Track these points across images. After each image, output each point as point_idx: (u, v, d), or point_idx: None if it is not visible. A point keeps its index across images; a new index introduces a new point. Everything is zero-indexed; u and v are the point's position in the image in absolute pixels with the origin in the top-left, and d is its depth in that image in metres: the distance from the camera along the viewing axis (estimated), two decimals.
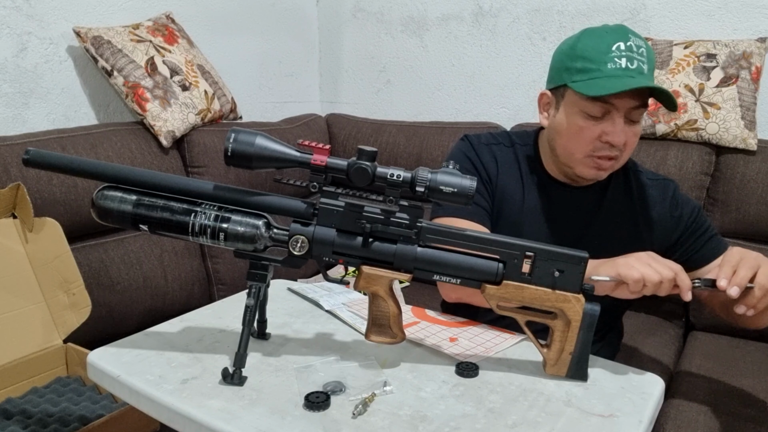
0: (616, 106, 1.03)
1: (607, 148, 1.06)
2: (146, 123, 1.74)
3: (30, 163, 0.83)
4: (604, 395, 0.84)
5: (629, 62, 1.02)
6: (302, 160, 0.81)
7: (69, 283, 1.38)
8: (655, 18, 1.94)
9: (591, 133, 1.06)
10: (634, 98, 1.03)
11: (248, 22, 2.29)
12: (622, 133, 1.05)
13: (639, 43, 1.05)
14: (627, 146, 1.08)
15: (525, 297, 0.86)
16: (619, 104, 1.03)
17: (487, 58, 2.26)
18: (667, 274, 0.89)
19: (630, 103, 1.03)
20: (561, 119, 1.10)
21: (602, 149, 1.07)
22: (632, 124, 1.06)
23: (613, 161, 1.08)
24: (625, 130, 1.05)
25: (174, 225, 0.83)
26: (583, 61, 1.05)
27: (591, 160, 1.08)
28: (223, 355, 0.91)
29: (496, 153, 1.21)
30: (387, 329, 0.88)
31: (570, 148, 1.10)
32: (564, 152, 1.12)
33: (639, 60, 1.03)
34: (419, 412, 0.79)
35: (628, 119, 1.05)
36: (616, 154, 1.07)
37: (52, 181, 1.49)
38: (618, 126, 1.04)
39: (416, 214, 0.84)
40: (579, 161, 1.10)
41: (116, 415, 1.19)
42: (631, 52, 1.03)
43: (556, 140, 1.13)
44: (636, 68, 1.02)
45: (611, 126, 1.05)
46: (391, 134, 2.22)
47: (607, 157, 1.07)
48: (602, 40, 1.04)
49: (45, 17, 1.68)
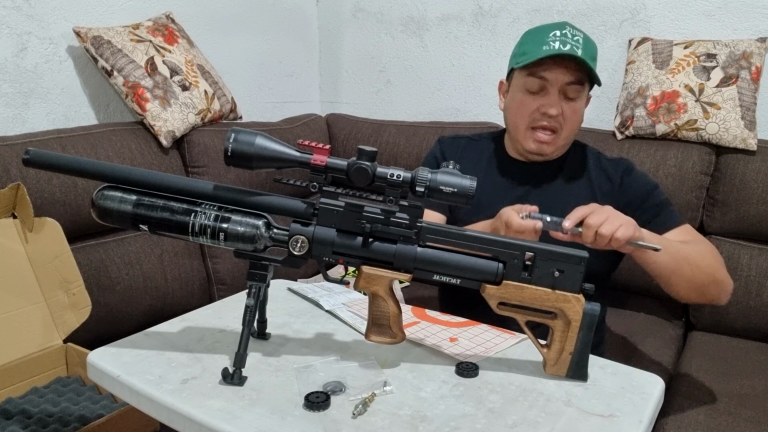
0: (550, 81, 1.20)
1: (545, 119, 1.22)
2: (146, 123, 1.74)
3: (30, 163, 0.83)
4: (604, 395, 0.84)
5: (562, 45, 1.17)
6: (302, 160, 0.81)
7: (69, 283, 1.38)
8: (655, 18, 1.94)
9: (530, 105, 1.23)
10: (567, 74, 1.19)
11: (248, 22, 2.29)
12: (556, 105, 1.20)
13: (576, 33, 1.20)
14: (566, 120, 1.22)
15: (525, 297, 0.86)
16: (551, 79, 1.20)
17: (487, 58, 2.26)
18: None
19: (563, 78, 1.19)
20: (509, 98, 1.29)
21: (540, 120, 1.23)
22: (570, 100, 1.22)
23: (554, 135, 1.24)
24: (561, 105, 1.21)
25: (174, 225, 0.83)
26: (523, 48, 1.24)
27: (532, 133, 1.25)
28: (223, 355, 0.91)
29: (461, 146, 1.39)
30: (387, 329, 0.88)
31: (515, 122, 1.27)
32: (512, 127, 1.29)
33: (572, 44, 1.17)
34: (419, 412, 0.79)
35: (564, 95, 1.21)
36: (553, 126, 1.23)
37: (52, 181, 1.49)
38: (552, 98, 1.21)
39: (416, 214, 0.84)
40: (523, 134, 1.26)
41: (116, 415, 1.19)
42: (566, 37, 1.18)
43: (508, 118, 1.30)
44: (568, 49, 1.16)
45: (546, 100, 1.21)
46: (391, 134, 2.22)
47: (546, 127, 1.23)
48: (541, 31, 1.23)
49: (45, 17, 1.68)
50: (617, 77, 2.00)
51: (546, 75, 1.20)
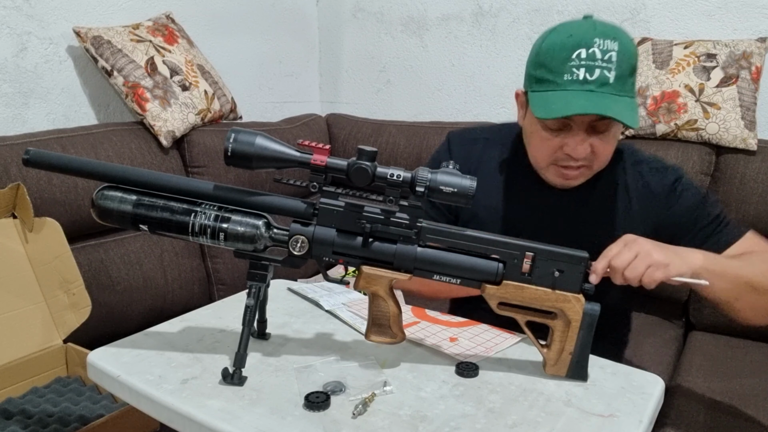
0: (573, 120, 0.99)
1: (570, 160, 1.02)
2: (146, 123, 1.74)
3: (30, 163, 0.83)
4: (604, 395, 0.84)
5: (588, 72, 0.95)
6: (302, 160, 0.81)
7: (69, 283, 1.38)
8: (655, 18, 1.94)
9: (551, 144, 1.02)
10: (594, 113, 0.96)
11: (248, 22, 2.29)
12: (581, 147, 0.99)
13: (607, 46, 0.96)
14: (597, 155, 1.02)
15: (525, 297, 0.86)
16: (575, 119, 0.98)
17: (487, 58, 2.26)
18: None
19: (587, 117, 0.97)
20: (527, 125, 1.07)
21: (565, 160, 1.03)
22: (599, 134, 1.00)
23: (583, 169, 1.04)
24: (590, 141, 1.00)
25: (174, 225, 0.83)
26: (543, 71, 0.99)
27: (556, 169, 1.05)
28: (223, 355, 0.91)
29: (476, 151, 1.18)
30: (387, 329, 0.88)
31: (535, 156, 1.08)
32: (532, 159, 1.09)
33: (603, 68, 0.95)
34: (419, 412, 0.79)
35: (593, 130, 1.00)
36: (582, 164, 1.03)
37: (52, 181, 1.49)
38: (577, 139, 0.99)
39: (416, 214, 0.84)
40: (545, 169, 1.07)
41: (116, 415, 1.19)
42: (593, 60, 0.95)
43: (527, 145, 1.10)
44: (597, 78, 0.95)
45: (571, 139, 1.00)
46: (391, 134, 2.21)
47: (572, 167, 1.03)
48: (564, 45, 0.97)
49: (45, 17, 1.68)
50: None
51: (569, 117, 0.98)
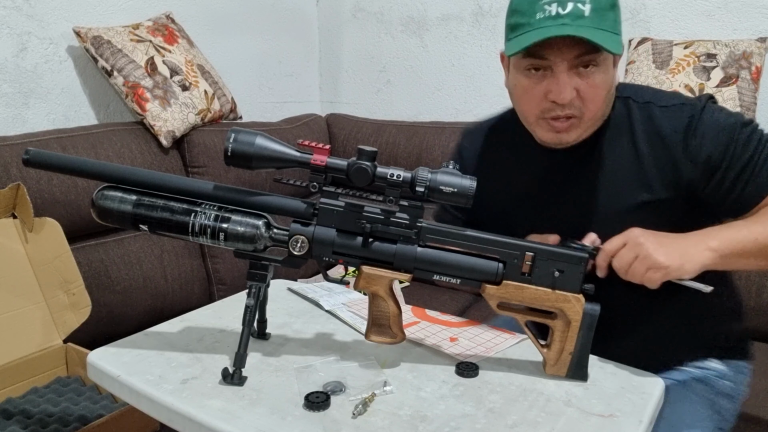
0: (552, 60, 0.90)
1: (558, 108, 0.93)
2: (146, 123, 1.74)
3: (30, 163, 0.83)
4: (604, 395, 0.84)
5: (560, 6, 0.87)
6: (302, 160, 0.81)
7: (69, 283, 1.38)
8: (655, 18, 1.94)
9: (534, 93, 0.94)
10: (572, 47, 0.88)
11: (248, 22, 2.29)
12: (566, 88, 0.90)
13: None
14: (586, 100, 0.92)
15: (525, 297, 0.86)
16: (553, 57, 0.90)
17: (487, 58, 2.26)
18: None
19: (568, 53, 0.89)
20: (511, 81, 1.00)
21: (552, 110, 0.93)
22: (583, 73, 0.91)
23: (573, 120, 0.94)
24: (574, 84, 0.91)
25: (174, 225, 0.83)
26: (515, 16, 0.93)
27: (545, 123, 0.96)
28: (223, 355, 0.91)
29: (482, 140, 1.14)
30: (387, 329, 0.88)
31: (523, 112, 0.99)
32: (521, 116, 1.01)
33: (575, 2, 0.87)
34: (419, 412, 0.79)
35: (577, 70, 0.91)
36: (570, 113, 0.93)
37: (52, 181, 1.49)
38: (560, 81, 0.90)
39: (416, 214, 0.84)
40: (535, 124, 0.98)
41: (116, 415, 1.19)
42: None
43: (514, 103, 1.02)
44: (570, 12, 0.87)
45: (553, 83, 0.91)
46: (391, 134, 2.21)
47: (561, 117, 0.93)
48: None
49: (45, 17, 1.68)
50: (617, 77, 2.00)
51: (545, 54, 0.90)
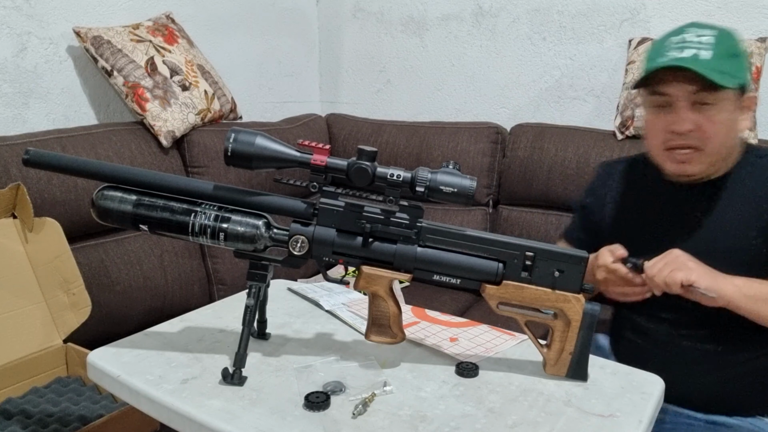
0: (672, 95, 1.05)
1: (677, 138, 1.06)
2: (146, 123, 1.74)
3: (30, 163, 0.83)
4: (604, 395, 0.84)
5: (678, 51, 1.03)
6: (302, 160, 0.81)
7: (69, 283, 1.38)
8: (655, 18, 1.94)
9: (658, 125, 1.08)
10: (689, 83, 1.02)
11: (248, 22, 2.29)
12: (683, 120, 1.04)
13: (702, 33, 1.04)
14: (706, 134, 1.04)
15: (525, 297, 0.86)
16: (672, 92, 1.04)
17: (487, 58, 2.26)
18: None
19: (685, 88, 1.03)
20: (643, 116, 1.15)
21: (672, 140, 1.07)
22: (702, 110, 1.03)
23: (692, 152, 1.06)
24: (693, 118, 1.04)
25: (174, 225, 0.83)
26: (645, 64, 1.09)
27: (668, 154, 1.09)
28: (223, 355, 0.91)
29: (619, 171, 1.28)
30: (387, 329, 0.88)
31: (650, 145, 1.14)
32: (649, 150, 1.15)
33: (696, 47, 1.02)
34: (419, 412, 0.79)
35: (697, 105, 1.04)
36: (688, 143, 1.06)
37: (52, 181, 1.49)
38: (679, 113, 1.04)
39: (416, 214, 0.84)
40: (660, 157, 1.12)
41: (116, 415, 1.19)
42: (684, 42, 1.03)
43: (645, 139, 1.16)
44: (686, 56, 1.02)
45: (674, 115, 1.05)
46: (391, 134, 2.21)
47: (680, 146, 1.06)
48: (663, 38, 1.08)
49: (45, 17, 1.68)
50: (617, 77, 2.00)
51: (664, 89, 1.05)
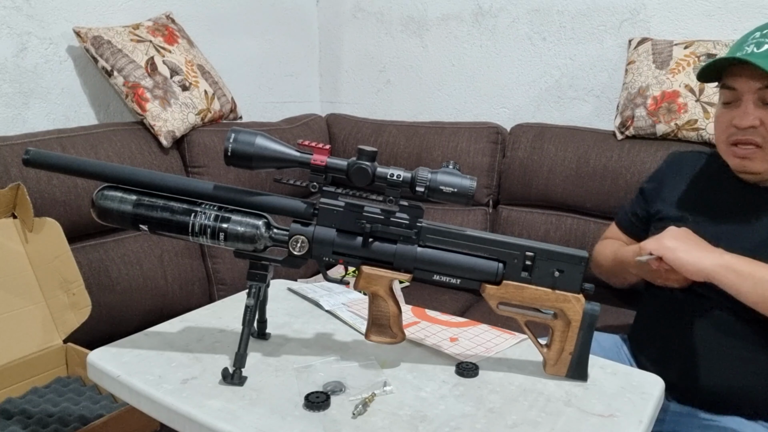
0: (739, 90, 1.07)
1: (739, 132, 1.07)
2: (146, 123, 1.74)
3: (30, 163, 0.83)
4: (604, 395, 0.84)
5: (756, 47, 1.04)
6: (302, 160, 0.81)
7: (69, 283, 1.38)
8: (655, 18, 1.94)
9: (724, 120, 1.11)
10: (756, 78, 1.03)
11: (248, 22, 2.29)
12: (747, 115, 1.05)
13: None
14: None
15: (525, 297, 0.86)
16: (739, 87, 1.06)
17: (487, 58, 2.26)
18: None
19: (753, 83, 1.04)
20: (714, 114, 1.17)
21: (735, 134, 1.09)
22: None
23: (756, 150, 1.07)
24: (760, 114, 1.05)
25: (174, 225, 0.83)
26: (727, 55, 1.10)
27: (731, 149, 1.11)
28: (223, 355, 0.91)
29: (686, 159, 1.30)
30: (387, 329, 0.88)
31: (717, 139, 1.16)
32: (717, 145, 1.17)
33: None
34: (419, 412, 0.79)
35: (763, 102, 1.05)
36: (752, 139, 1.07)
37: (52, 181, 1.49)
38: (744, 108, 1.06)
39: (416, 214, 0.84)
40: (724, 151, 1.13)
41: (116, 415, 1.19)
42: (766, 38, 1.03)
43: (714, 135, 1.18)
44: (764, 51, 1.02)
45: (739, 109, 1.07)
46: (391, 134, 2.21)
47: (743, 141, 1.08)
48: (751, 31, 1.08)
49: (45, 17, 1.68)
50: (617, 77, 2.00)
51: (732, 83, 1.08)
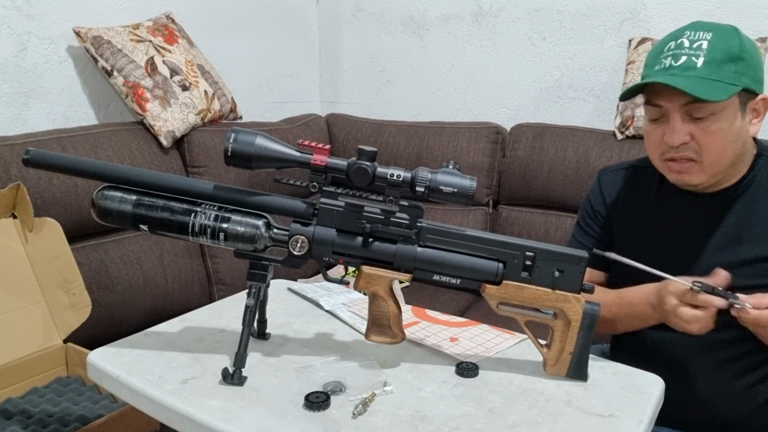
0: (664, 107, 1.01)
1: (672, 150, 1.02)
2: (146, 123, 1.74)
3: (30, 163, 0.83)
4: (604, 395, 0.84)
5: (674, 60, 1.00)
6: (302, 160, 0.81)
7: (69, 283, 1.38)
8: (655, 18, 1.94)
9: (654, 136, 1.05)
10: (680, 95, 0.98)
11: (248, 22, 2.29)
12: (676, 133, 1.00)
13: (698, 36, 1.00)
14: (703, 146, 1.00)
15: (525, 297, 0.86)
16: (665, 104, 1.01)
17: (487, 58, 2.26)
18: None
19: (677, 100, 0.99)
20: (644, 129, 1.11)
21: (668, 151, 1.03)
22: (698, 121, 0.99)
23: (692, 163, 1.02)
24: (689, 129, 1.00)
25: (174, 225, 0.83)
26: (644, 69, 1.06)
27: (666, 165, 1.06)
28: (223, 355, 0.91)
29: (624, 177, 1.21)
30: (387, 329, 0.88)
31: (651, 156, 1.10)
32: (651, 159, 1.11)
33: (690, 54, 0.99)
34: (419, 412, 0.79)
35: (690, 117, 1.00)
36: (686, 155, 1.02)
37: (52, 181, 1.49)
38: (672, 125, 1.01)
39: (416, 214, 0.84)
40: (660, 167, 1.08)
41: (116, 415, 1.19)
42: (680, 49, 1.00)
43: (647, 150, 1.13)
44: (682, 64, 0.98)
45: (668, 126, 1.02)
46: (391, 134, 2.21)
47: (678, 158, 1.03)
48: (660, 44, 1.04)
49: (45, 17, 1.68)
50: (617, 77, 2.00)
51: (657, 101, 1.02)
